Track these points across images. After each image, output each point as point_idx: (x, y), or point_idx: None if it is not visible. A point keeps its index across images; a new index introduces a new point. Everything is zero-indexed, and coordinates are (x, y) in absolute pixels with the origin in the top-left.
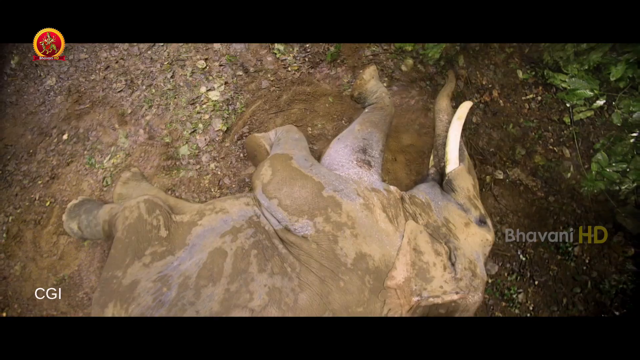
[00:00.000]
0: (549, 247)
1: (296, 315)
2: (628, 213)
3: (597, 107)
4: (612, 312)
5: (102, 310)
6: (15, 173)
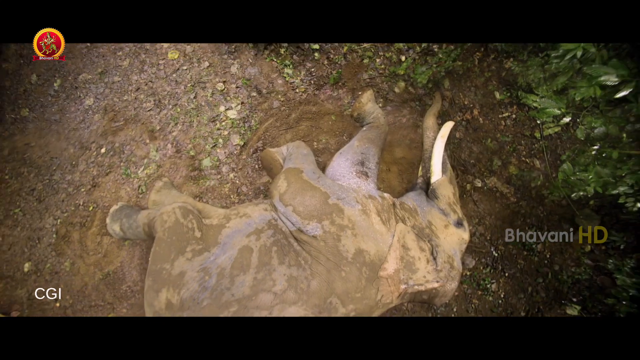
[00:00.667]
0: (517, 245)
1: (309, 297)
2: (585, 215)
3: (563, 124)
4: (570, 298)
5: (157, 294)
6: (61, 182)
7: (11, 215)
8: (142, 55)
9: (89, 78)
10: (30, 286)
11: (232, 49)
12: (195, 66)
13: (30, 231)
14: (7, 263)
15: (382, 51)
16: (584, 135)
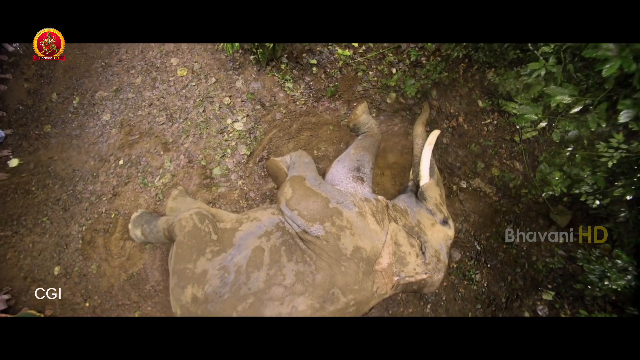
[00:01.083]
0: (497, 239)
1: (315, 289)
2: (559, 211)
3: (540, 128)
4: (545, 285)
5: (183, 290)
6: (84, 192)
7: (39, 224)
8: (154, 73)
9: (105, 95)
10: (60, 287)
11: (236, 66)
12: (203, 82)
13: (58, 238)
14: (38, 267)
15: (374, 64)
16: (559, 138)
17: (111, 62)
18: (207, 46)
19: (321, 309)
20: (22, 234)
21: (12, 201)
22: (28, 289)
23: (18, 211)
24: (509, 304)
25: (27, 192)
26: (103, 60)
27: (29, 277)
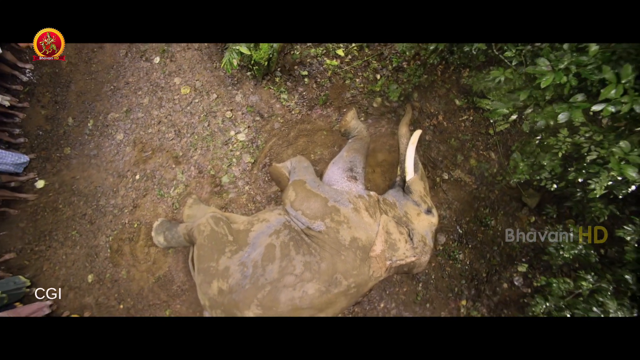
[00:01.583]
0: (476, 222)
1: (320, 275)
2: (529, 194)
3: (511, 121)
4: (520, 259)
5: (209, 285)
6: (107, 206)
7: (70, 237)
8: (159, 93)
9: (116, 116)
10: (95, 293)
11: (234, 81)
12: (206, 98)
13: (88, 248)
14: (73, 276)
15: (360, 72)
16: (529, 129)
17: (119, 85)
18: (207, 64)
19: (327, 292)
20: (55, 247)
21: (43, 219)
22: (66, 296)
23: (49, 227)
24: (489, 277)
25: (55, 210)
26: (111, 84)
27: (66, 285)
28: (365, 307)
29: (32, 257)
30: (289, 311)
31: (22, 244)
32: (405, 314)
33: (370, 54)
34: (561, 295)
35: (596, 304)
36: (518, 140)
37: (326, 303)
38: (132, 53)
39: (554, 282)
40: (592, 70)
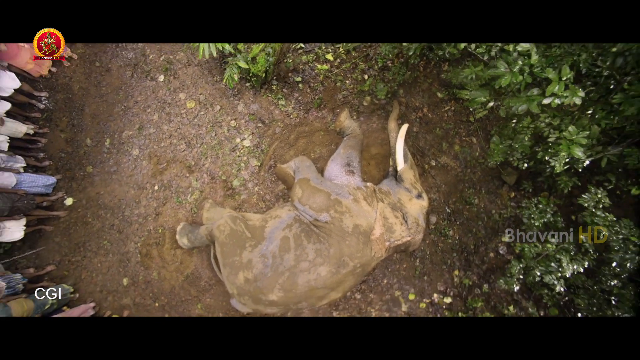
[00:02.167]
0: (462, 202)
1: (330, 259)
2: (508, 173)
3: (489, 108)
4: (503, 230)
5: (236, 276)
6: (132, 216)
7: (102, 247)
8: (167, 109)
9: (130, 134)
10: (132, 294)
11: (235, 92)
12: (210, 110)
13: (119, 255)
14: (109, 281)
15: (349, 74)
16: (505, 113)
17: (129, 104)
18: (208, 79)
19: (337, 272)
20: (90, 257)
21: (75, 232)
22: (106, 299)
23: (82, 239)
24: (477, 249)
25: (85, 223)
26: (122, 104)
27: (104, 290)
28: (370, 284)
29: (70, 267)
30: (306, 291)
31: (59, 256)
32: (407, 287)
33: (357, 56)
34: (532, 257)
35: (555, 260)
36: (496, 125)
37: (337, 282)
38: (137, 73)
39: (526, 247)
40: (540, 70)
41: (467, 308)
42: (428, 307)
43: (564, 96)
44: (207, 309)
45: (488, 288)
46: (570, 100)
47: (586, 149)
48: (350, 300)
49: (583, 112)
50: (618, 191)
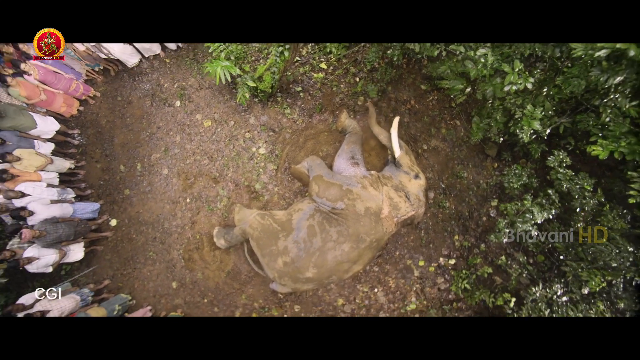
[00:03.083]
0: (453, 176)
1: (350, 237)
2: (489, 147)
3: (467, 93)
4: (491, 196)
5: (275, 261)
6: (170, 227)
7: (149, 258)
8: (187, 129)
9: (158, 156)
10: (182, 295)
11: (245, 108)
12: (225, 126)
13: (165, 263)
14: (160, 286)
15: (342, 78)
16: (482, 96)
17: (152, 130)
18: (219, 98)
19: (357, 247)
20: (139, 268)
21: (122, 249)
22: (159, 302)
23: (130, 254)
24: (471, 215)
25: (130, 240)
26: (146, 131)
27: (156, 294)
28: (385, 257)
29: (123, 279)
30: (334, 265)
31: (112, 271)
32: (416, 256)
33: (347, 62)
34: (514, 213)
35: (530, 212)
36: (475, 107)
37: (358, 256)
38: (155, 102)
39: (508, 206)
40: (499, 64)
41: (469, 266)
42: (436, 270)
43: (518, 83)
44: (250, 298)
45: (485, 247)
46: (523, 86)
47: (546, 120)
48: (370, 273)
49: (540, 91)
50: (577, 151)
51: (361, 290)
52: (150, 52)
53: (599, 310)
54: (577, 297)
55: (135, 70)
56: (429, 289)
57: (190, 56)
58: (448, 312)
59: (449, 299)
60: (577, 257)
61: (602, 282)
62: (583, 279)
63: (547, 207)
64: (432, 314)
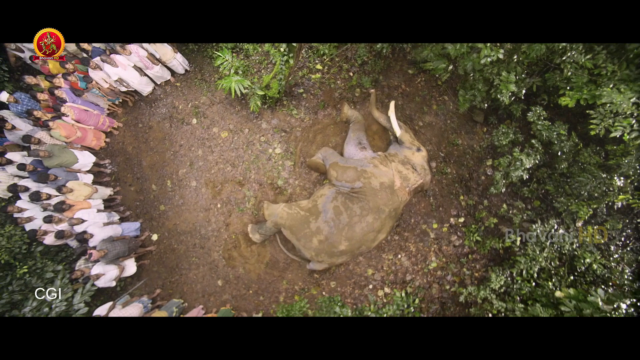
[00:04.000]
0: (450, 145)
1: (371, 210)
2: (476, 114)
3: (450, 71)
4: (486, 157)
5: (311, 241)
6: (207, 233)
7: (192, 263)
8: (207, 143)
9: (185, 171)
10: (228, 290)
11: (256, 115)
12: (241, 134)
13: (208, 265)
14: (207, 286)
15: (338, 75)
16: (464, 71)
17: (175, 148)
18: (231, 110)
19: (379, 218)
20: (185, 273)
21: (167, 259)
22: (209, 300)
23: (174, 263)
24: (471, 176)
25: (173, 250)
26: (170, 150)
27: (205, 294)
28: (403, 226)
29: (172, 286)
30: (362, 236)
31: (161, 280)
32: (429, 220)
33: (340, 60)
34: (507, 165)
35: (519, 160)
36: (459, 82)
37: (380, 225)
38: (174, 123)
39: (501, 160)
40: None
41: (477, 220)
42: (449, 230)
43: (492, 55)
44: (291, 282)
45: (487, 202)
46: (496, 57)
47: (520, 82)
48: (392, 242)
49: (510, 59)
50: (551, 104)
51: (387, 258)
52: (162, 79)
53: (589, 232)
54: (571, 228)
55: (150, 98)
56: (445, 247)
57: (198, 77)
58: (465, 264)
59: (464, 252)
60: (565, 194)
61: (589, 211)
62: (573, 210)
63: (532, 154)
64: (452, 269)
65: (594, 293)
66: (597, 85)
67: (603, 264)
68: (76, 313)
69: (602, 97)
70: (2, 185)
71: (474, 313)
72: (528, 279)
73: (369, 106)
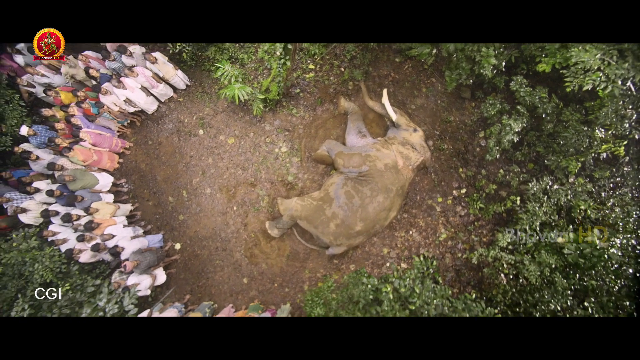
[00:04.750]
0: (443, 123)
1: (381, 190)
2: (463, 91)
3: (434, 54)
4: (478, 130)
5: (328, 226)
6: (227, 235)
7: (217, 265)
8: (216, 151)
9: (198, 180)
10: (254, 286)
11: (259, 118)
12: (247, 138)
13: (232, 265)
14: (234, 286)
15: (330, 72)
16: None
17: (186, 160)
18: (235, 117)
19: (388, 197)
20: (211, 277)
21: (192, 265)
22: (237, 298)
23: (199, 268)
24: (467, 148)
25: (196, 256)
26: (182, 162)
27: (233, 293)
28: (410, 204)
29: (201, 290)
30: (375, 215)
31: (189, 286)
32: (434, 195)
33: (330, 58)
34: (497, 132)
35: (508, 125)
36: (444, 63)
37: (391, 203)
38: (182, 136)
39: (492, 129)
40: None
41: (477, 189)
42: (453, 201)
43: None
44: (312, 271)
45: (485, 171)
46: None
47: (499, 56)
48: (402, 220)
49: None
50: (530, 72)
51: (399, 235)
52: (166, 96)
53: (581, 183)
54: (564, 182)
55: (156, 116)
56: (452, 218)
57: (199, 90)
58: (473, 231)
59: (470, 220)
60: (554, 152)
61: (577, 164)
62: (563, 165)
63: (520, 119)
64: (461, 237)
65: (590, 234)
66: (567, 49)
67: (596, 209)
68: (128, 314)
69: (572, 57)
70: (33, 213)
71: (487, 273)
72: (531, 234)
73: (363, 97)
